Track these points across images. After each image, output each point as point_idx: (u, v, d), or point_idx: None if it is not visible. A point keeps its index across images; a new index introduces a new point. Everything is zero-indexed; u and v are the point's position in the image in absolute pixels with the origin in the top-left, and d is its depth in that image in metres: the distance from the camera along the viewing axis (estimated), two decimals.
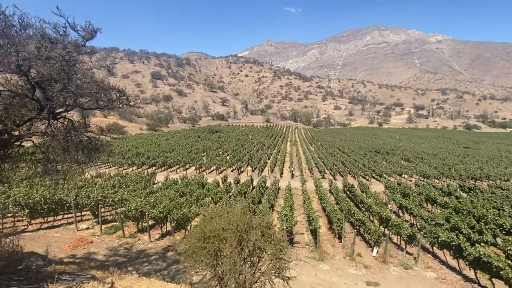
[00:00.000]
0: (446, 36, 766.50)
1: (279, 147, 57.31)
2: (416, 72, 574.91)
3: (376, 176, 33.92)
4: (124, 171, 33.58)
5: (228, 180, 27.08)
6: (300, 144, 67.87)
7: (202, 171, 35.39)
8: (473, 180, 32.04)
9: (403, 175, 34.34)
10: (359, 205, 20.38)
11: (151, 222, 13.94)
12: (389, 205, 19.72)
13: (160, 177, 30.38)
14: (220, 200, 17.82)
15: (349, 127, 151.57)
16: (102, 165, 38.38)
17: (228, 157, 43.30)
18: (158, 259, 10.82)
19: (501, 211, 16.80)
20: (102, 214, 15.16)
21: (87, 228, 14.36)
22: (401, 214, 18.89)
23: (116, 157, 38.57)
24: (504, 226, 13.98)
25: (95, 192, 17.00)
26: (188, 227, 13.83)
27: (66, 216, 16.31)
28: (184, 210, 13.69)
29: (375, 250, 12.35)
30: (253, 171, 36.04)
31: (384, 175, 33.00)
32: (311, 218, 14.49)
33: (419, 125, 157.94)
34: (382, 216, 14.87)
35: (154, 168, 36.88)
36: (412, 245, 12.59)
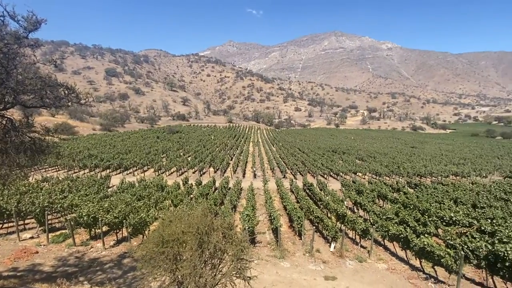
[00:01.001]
0: (396, 44, 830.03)
1: (242, 148, 57.45)
2: (369, 76, 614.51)
3: (333, 175, 35.56)
4: (74, 174, 31.19)
5: (190, 182, 26.49)
6: (263, 144, 68.75)
7: (162, 173, 34.18)
8: (419, 177, 35.05)
9: (357, 173, 36.44)
10: (318, 202, 21.21)
11: (105, 228, 13.12)
12: (345, 202, 20.80)
13: (115, 180, 28.72)
14: (181, 203, 17.36)
15: (308, 128, 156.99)
16: (50, 169, 35.25)
17: (189, 158, 42.36)
18: (113, 267, 10.21)
19: (442, 204, 18.59)
20: (50, 222, 13.92)
21: (32, 238, 13.08)
22: (356, 210, 20.02)
23: (65, 160, 35.66)
24: (445, 218, 15.49)
25: (41, 197, 15.53)
26: (146, 232, 13.26)
27: (6, 225, 14.70)
28: (142, 214, 13.10)
29: (332, 245, 12.95)
30: (215, 172, 35.69)
31: (341, 173, 34.70)
32: (272, 217, 14.74)
33: (372, 126, 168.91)
34: (339, 212, 15.63)
35: (108, 171, 34.78)
36: (366, 239, 13.41)
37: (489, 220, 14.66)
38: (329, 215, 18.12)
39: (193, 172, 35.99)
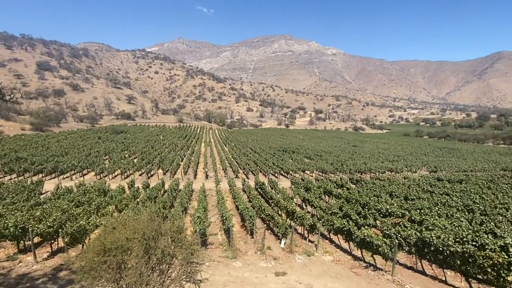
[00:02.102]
0: (340, 50, 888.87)
1: (193, 148, 56.10)
2: (316, 80, 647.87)
3: (284, 173, 36.70)
4: None
5: (136, 185, 25.02)
6: (215, 144, 68.04)
7: (104, 177, 31.73)
8: (360, 173, 37.97)
9: (306, 171, 38.14)
10: (269, 201, 21.69)
11: (37, 239, 11.73)
12: (294, 199, 21.62)
13: (49, 185, 25.83)
14: (126, 208, 16.31)
15: (260, 128, 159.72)
16: None
17: (135, 160, 40.02)
18: (47, 282, 9.16)
19: (379, 198, 20.40)
20: None
21: None
22: (304, 207, 20.93)
23: None
24: (382, 210, 17.00)
25: None
26: (87, 241, 12.17)
27: None
28: (81, 222, 11.98)
29: (282, 241, 13.34)
30: (164, 174, 34.27)
31: (291, 172, 35.98)
32: (224, 218, 14.66)
33: (318, 126, 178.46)
34: (289, 209, 16.18)
35: (41, 175, 31.16)
36: (314, 233, 14.10)
37: (418, 211, 16.51)
38: (279, 212, 18.64)
39: (140, 175, 34.09)
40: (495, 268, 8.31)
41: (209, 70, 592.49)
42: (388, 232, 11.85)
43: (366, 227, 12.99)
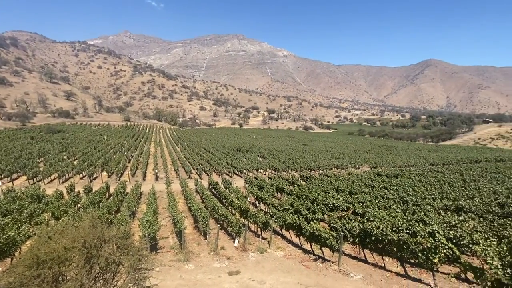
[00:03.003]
0: (290, 52, 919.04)
1: (141, 149, 53.26)
2: (268, 80, 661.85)
3: (237, 172, 36.81)
4: None
5: (76, 190, 22.94)
6: (166, 144, 65.42)
7: (38, 181, 28.51)
8: (309, 170, 39.75)
9: (259, 170, 38.76)
10: (223, 200, 21.59)
11: None
12: (248, 198, 21.82)
13: None
14: (65, 215, 14.87)
15: (214, 127, 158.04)
16: None
17: (76, 162, 36.66)
18: None
19: (327, 193, 21.59)
20: None
21: None
22: (258, 205, 21.25)
23: None
24: (329, 205, 18.01)
25: None
26: (17, 254, 10.81)
27: None
28: (10, 233, 10.59)
29: (236, 240, 13.39)
30: (109, 176, 31.98)
31: (244, 170, 36.25)
32: (176, 220, 14.21)
33: (271, 126, 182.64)
34: (242, 208, 16.28)
35: None
36: (266, 230, 14.40)
37: (361, 204, 17.86)
38: (233, 211, 18.67)
39: (81, 178, 31.36)
40: (425, 252, 9.36)
41: (159, 66, 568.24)
42: (334, 225, 12.61)
43: (315, 221, 13.65)
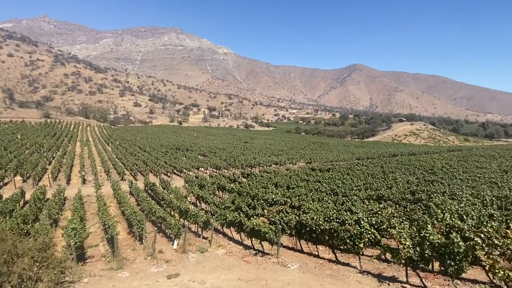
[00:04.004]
0: (230, 50, 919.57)
1: (65, 149, 47.56)
2: (209, 77, 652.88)
3: (177, 172, 35.54)
4: None
5: None
6: (94, 144, 59.53)
7: None
8: (250, 167, 40.49)
9: (200, 169, 38.04)
10: (161, 202, 20.65)
11: None
12: (188, 198, 21.27)
13: None
14: None
15: (150, 125, 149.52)
16: None
17: None
18: None
19: (267, 189, 22.28)
20: None
21: None
22: (198, 204, 20.85)
23: None
24: (269, 200, 18.64)
25: None
26: None
27: None
28: None
29: (175, 242, 12.94)
30: (25, 181, 27.85)
31: (184, 170, 35.17)
32: (107, 226, 13.10)
33: (212, 124, 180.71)
34: (182, 209, 15.81)
35: None
36: (207, 229, 14.25)
37: (297, 197, 18.89)
38: (172, 213, 17.99)
39: None
40: (352, 238, 10.35)
41: (85, 57, 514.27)
42: (273, 219, 13.11)
43: (255, 217, 13.98)
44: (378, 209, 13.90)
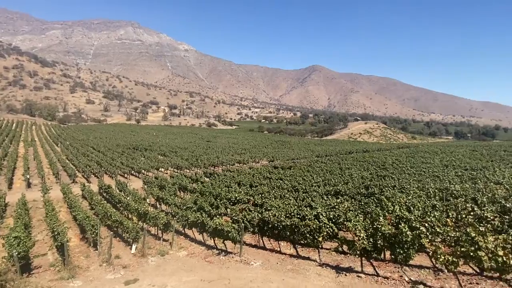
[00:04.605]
0: (192, 47, 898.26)
1: (5, 150, 42.89)
2: (169, 74, 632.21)
3: (135, 173, 33.96)
4: None
5: None
6: (41, 144, 54.49)
7: None
8: (213, 166, 40.05)
9: (160, 169, 36.75)
10: (118, 205, 19.56)
11: None
12: (147, 199, 20.44)
13: None
14: None
15: (105, 123, 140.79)
16: None
17: None
18: None
19: (230, 188, 22.23)
20: None
21: None
22: (158, 206, 20.16)
23: None
24: (232, 199, 18.59)
25: None
26: None
27: None
28: None
29: (133, 247, 12.37)
30: None
31: (143, 171, 33.72)
32: (56, 233, 12.08)
33: (173, 122, 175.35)
34: (140, 211, 15.14)
35: None
36: (168, 231, 13.82)
37: (260, 195, 19.13)
38: (130, 216, 17.16)
39: None
40: (311, 233, 10.74)
41: (29, 49, 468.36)
42: (236, 218, 13.12)
43: (218, 216, 13.88)
44: (335, 204, 14.58)
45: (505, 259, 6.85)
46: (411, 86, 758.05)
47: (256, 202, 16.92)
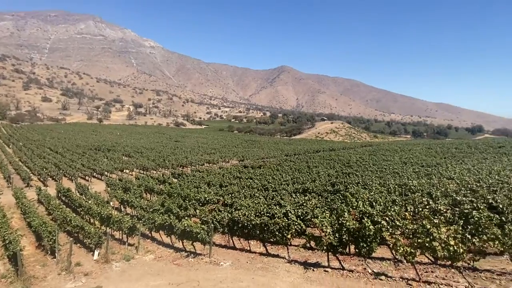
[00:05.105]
0: (158, 44, 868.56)
1: None
2: (134, 71, 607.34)
3: (97, 175, 32.25)
4: None
5: None
6: None
7: None
8: (181, 167, 39.15)
9: (125, 171, 35.21)
10: (78, 209, 18.43)
11: None
12: (111, 203, 19.48)
13: None
14: None
15: (64, 123, 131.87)
16: None
17: None
18: None
19: (199, 188, 21.89)
20: None
21: None
22: (123, 209, 19.32)
23: None
24: (201, 200, 18.32)
25: None
26: None
27: None
28: None
29: (96, 253, 11.74)
30: None
31: (106, 172, 32.11)
32: (8, 241, 11.12)
33: (138, 122, 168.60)
34: (103, 215, 14.40)
35: None
36: (134, 235, 13.30)
37: (230, 195, 19.06)
38: (92, 220, 16.28)
39: None
40: (281, 230, 10.92)
41: None
42: (205, 219, 12.97)
43: (186, 218, 13.61)
44: (303, 201, 14.95)
45: (456, 248, 7.49)
46: (373, 88, 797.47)
47: (226, 202, 16.84)
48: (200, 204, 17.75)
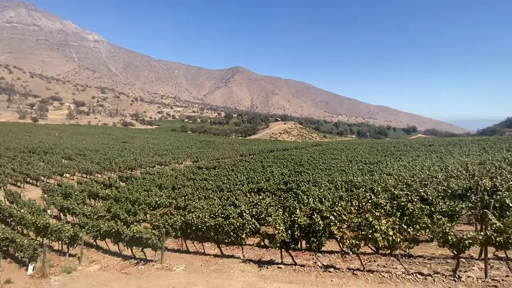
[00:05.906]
0: (103, 38, 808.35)
1: None
2: (75, 66, 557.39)
3: (31, 181, 28.95)
4: None
5: None
6: None
7: None
8: (130, 170, 37.01)
9: (64, 175, 32.17)
10: (8, 220, 16.33)
11: None
12: (48, 211, 17.64)
13: None
14: None
15: None
16: None
17: None
18: None
19: (149, 192, 20.89)
20: None
21: None
22: (63, 217, 17.62)
23: None
24: (152, 203, 17.50)
25: None
26: None
27: None
28: None
29: (30, 267, 10.52)
30: None
31: (42, 177, 28.97)
32: None
33: (80, 121, 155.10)
34: (39, 225, 12.95)
35: None
36: (76, 245, 12.19)
37: (183, 197, 18.52)
38: (26, 231, 14.55)
39: None
40: (235, 231, 10.94)
41: None
42: (157, 223, 12.44)
43: (136, 223, 12.90)
44: (258, 201, 15.16)
45: (394, 238, 8.26)
46: (322, 91, 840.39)
47: (179, 205, 16.32)
48: (151, 208, 16.97)
